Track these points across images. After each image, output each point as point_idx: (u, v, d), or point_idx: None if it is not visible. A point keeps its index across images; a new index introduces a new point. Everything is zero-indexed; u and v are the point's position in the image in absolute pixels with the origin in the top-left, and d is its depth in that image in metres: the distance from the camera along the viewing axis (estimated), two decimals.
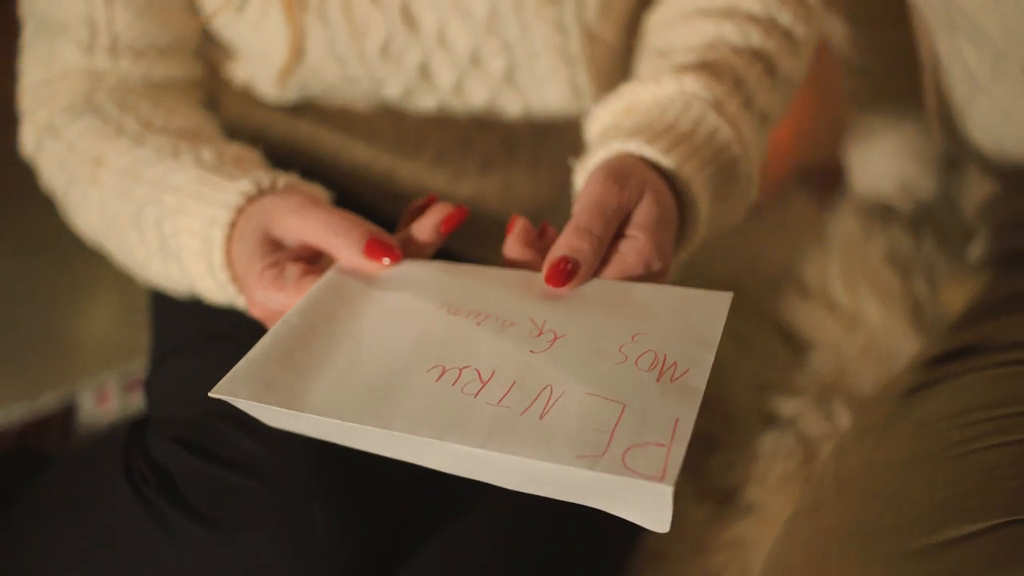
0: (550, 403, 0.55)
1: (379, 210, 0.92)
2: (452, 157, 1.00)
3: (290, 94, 0.96)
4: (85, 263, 1.24)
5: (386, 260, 0.69)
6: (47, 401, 1.21)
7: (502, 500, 0.75)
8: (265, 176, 0.76)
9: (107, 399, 1.22)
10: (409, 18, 0.89)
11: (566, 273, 0.65)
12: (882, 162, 1.26)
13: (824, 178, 1.37)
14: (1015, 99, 0.89)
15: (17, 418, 1.18)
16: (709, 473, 0.93)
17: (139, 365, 1.25)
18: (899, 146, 1.24)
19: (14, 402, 1.20)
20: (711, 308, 0.61)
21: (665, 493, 0.49)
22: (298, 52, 0.89)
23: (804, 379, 0.99)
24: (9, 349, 1.42)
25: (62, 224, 0.92)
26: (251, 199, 0.75)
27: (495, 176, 1.01)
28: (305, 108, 0.99)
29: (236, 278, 0.75)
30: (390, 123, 0.98)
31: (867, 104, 1.25)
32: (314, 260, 0.72)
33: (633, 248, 0.67)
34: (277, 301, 0.70)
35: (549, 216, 1.01)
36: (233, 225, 0.74)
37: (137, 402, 1.21)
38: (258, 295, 0.71)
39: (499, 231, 0.75)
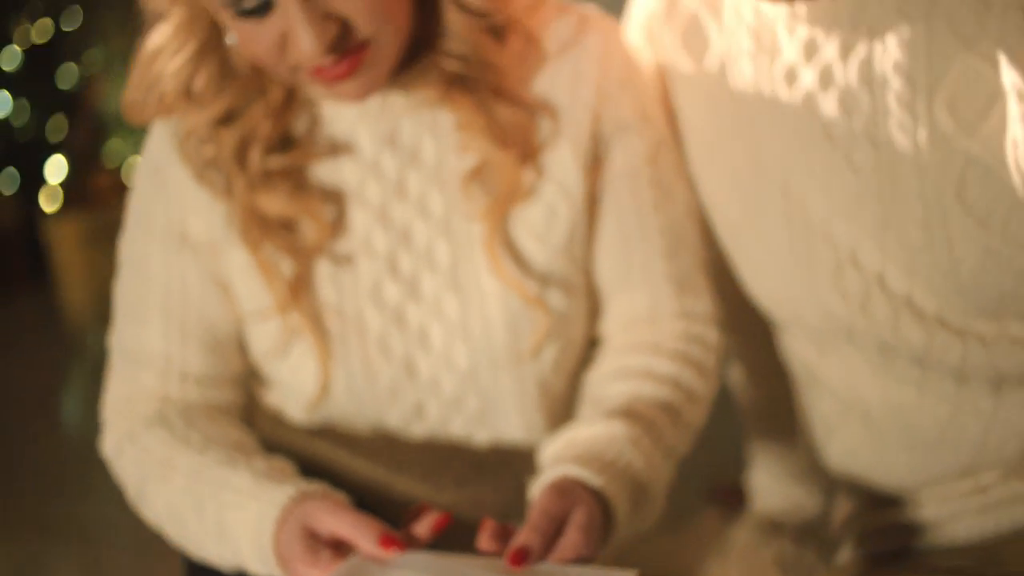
0: None
1: (378, 513, 1.07)
2: (434, 475, 1.19)
3: (313, 420, 1.18)
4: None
5: (394, 549, 0.91)
6: None
7: None
8: (303, 484, 0.99)
9: None
10: (410, 369, 1.12)
11: (522, 559, 0.88)
12: (775, 486, 1.45)
13: (729, 497, 1.60)
14: (858, 440, 1.12)
15: None
16: None
17: None
18: (788, 474, 1.43)
19: None
20: None
21: None
22: (325, 390, 1.12)
23: None
24: None
25: (90, 513, 1.14)
26: (295, 501, 0.97)
27: (468, 491, 1.20)
28: (323, 432, 1.18)
29: (280, 558, 0.96)
30: (388, 447, 1.17)
31: (762, 439, 1.48)
32: (341, 546, 0.94)
33: (570, 543, 0.89)
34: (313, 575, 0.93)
35: (510, 518, 1.16)
36: (282, 521, 0.96)
37: None
38: (299, 571, 0.93)
39: (472, 531, 0.95)
